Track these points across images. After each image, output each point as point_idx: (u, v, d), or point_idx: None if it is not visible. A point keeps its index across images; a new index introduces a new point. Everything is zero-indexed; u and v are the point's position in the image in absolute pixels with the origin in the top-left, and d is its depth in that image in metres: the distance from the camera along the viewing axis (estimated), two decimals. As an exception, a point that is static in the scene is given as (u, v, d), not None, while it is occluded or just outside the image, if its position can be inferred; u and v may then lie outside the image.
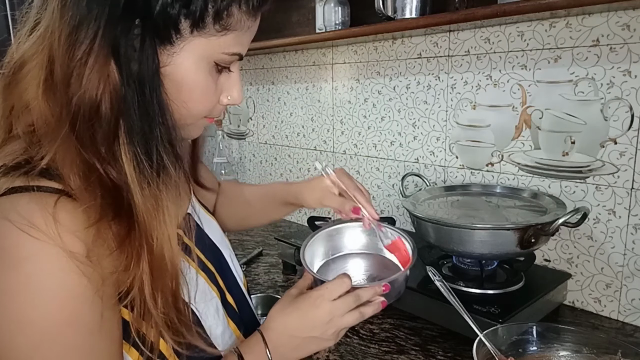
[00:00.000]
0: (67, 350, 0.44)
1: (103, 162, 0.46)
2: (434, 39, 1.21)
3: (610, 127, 0.95)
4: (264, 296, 1.04)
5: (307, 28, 1.51)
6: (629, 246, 0.96)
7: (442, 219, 0.94)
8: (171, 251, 0.49)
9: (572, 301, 1.04)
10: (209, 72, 0.52)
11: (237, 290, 0.68)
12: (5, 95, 0.49)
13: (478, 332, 0.69)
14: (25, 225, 0.41)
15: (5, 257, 0.42)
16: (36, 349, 0.42)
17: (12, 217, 0.42)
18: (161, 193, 0.48)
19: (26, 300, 0.42)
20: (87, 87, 0.44)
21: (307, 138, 1.64)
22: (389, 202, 1.41)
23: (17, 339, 0.42)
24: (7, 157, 0.47)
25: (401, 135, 1.34)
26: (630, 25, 0.90)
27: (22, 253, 0.42)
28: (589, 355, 0.68)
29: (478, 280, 0.94)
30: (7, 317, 0.42)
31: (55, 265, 0.42)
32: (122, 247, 0.46)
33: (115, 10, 0.44)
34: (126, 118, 0.46)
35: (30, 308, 0.42)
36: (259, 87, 1.80)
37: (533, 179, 1.08)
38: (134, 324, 0.49)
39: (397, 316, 0.99)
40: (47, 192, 0.44)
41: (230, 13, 0.49)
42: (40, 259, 0.42)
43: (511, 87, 1.09)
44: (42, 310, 0.42)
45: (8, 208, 0.42)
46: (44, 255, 0.42)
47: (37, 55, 0.46)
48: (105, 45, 0.44)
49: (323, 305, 0.60)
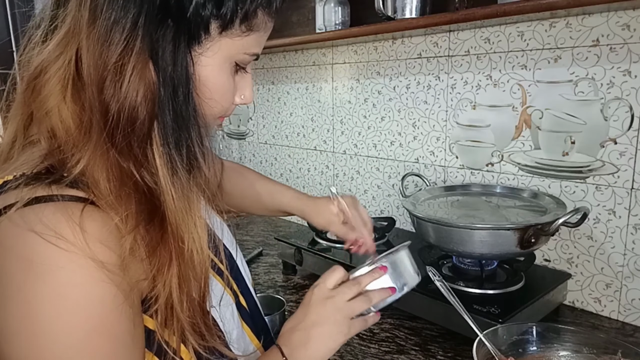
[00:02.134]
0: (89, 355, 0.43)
1: (138, 167, 0.46)
2: (434, 39, 1.21)
3: (610, 127, 0.95)
4: (264, 296, 1.04)
5: (307, 28, 1.51)
6: (629, 246, 0.96)
7: (442, 219, 0.94)
8: (202, 254, 0.49)
9: (572, 301, 1.04)
10: (230, 72, 0.52)
11: (247, 294, 0.68)
12: (25, 100, 0.48)
13: (478, 332, 0.69)
14: (52, 237, 0.40)
15: (32, 269, 0.40)
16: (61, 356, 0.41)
17: (38, 229, 0.40)
18: (192, 194, 0.48)
19: (56, 311, 0.41)
20: (128, 91, 0.43)
21: (307, 138, 1.64)
22: (389, 202, 1.41)
23: (46, 352, 0.41)
24: (25, 165, 0.45)
25: (401, 135, 1.34)
26: (630, 25, 0.90)
27: (50, 264, 0.40)
28: (589, 355, 0.68)
29: (478, 280, 0.94)
30: (36, 329, 0.41)
31: (84, 275, 0.41)
32: (155, 253, 0.46)
33: (152, 11, 0.43)
34: (160, 120, 0.46)
35: (59, 319, 0.41)
36: (259, 87, 1.80)
37: (533, 179, 1.08)
38: (158, 330, 0.48)
39: (397, 316, 0.99)
40: (71, 201, 0.43)
41: (256, 14, 0.49)
42: (69, 269, 0.41)
43: (511, 87, 1.09)
44: (72, 321, 0.41)
45: (33, 219, 0.41)
46: (73, 266, 0.41)
47: (61, 59, 0.45)
48: (145, 47, 0.44)
49: (321, 293, 0.60)
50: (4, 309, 0.41)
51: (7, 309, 0.41)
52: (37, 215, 0.41)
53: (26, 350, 0.41)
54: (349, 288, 0.61)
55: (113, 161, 0.44)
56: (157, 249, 0.46)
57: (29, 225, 0.41)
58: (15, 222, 0.41)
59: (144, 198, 0.46)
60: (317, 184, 1.64)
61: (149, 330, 0.49)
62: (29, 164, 0.46)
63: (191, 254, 0.48)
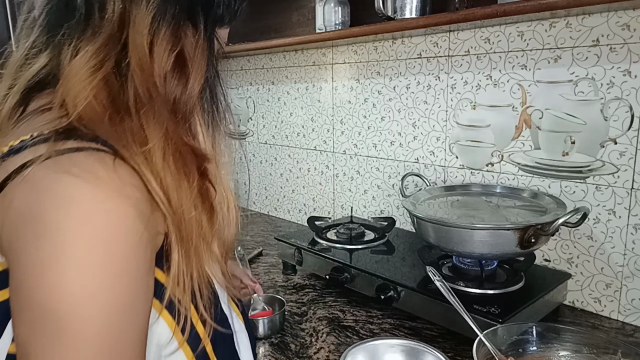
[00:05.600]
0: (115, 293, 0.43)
1: (187, 136, 0.51)
2: (434, 39, 1.21)
3: (610, 127, 0.95)
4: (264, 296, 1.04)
5: (307, 28, 1.51)
6: (629, 246, 0.96)
7: (442, 219, 0.94)
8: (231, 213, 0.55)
9: (572, 301, 1.04)
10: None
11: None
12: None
13: (478, 332, 0.69)
14: (88, 176, 0.42)
15: (69, 206, 0.41)
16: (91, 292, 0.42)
17: (74, 171, 0.42)
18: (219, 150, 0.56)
19: (90, 245, 0.41)
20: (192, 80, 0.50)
21: (307, 138, 1.64)
22: (389, 202, 1.41)
23: (75, 284, 0.41)
24: (44, 126, 0.47)
25: (401, 135, 1.34)
26: (630, 25, 0.90)
27: (87, 201, 0.41)
28: (589, 355, 0.68)
29: (478, 280, 0.94)
30: (69, 263, 0.41)
31: (120, 212, 0.43)
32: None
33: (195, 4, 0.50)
34: (203, 92, 0.52)
35: (92, 253, 0.41)
36: (259, 87, 1.80)
37: (533, 179, 1.08)
38: (169, 285, 0.49)
39: (397, 316, 0.99)
40: (103, 152, 0.44)
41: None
42: (106, 206, 0.42)
43: (511, 87, 1.09)
44: (104, 256, 0.42)
45: (67, 163, 0.42)
46: (110, 203, 0.42)
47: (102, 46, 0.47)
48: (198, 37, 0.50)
49: None
50: (36, 248, 0.41)
51: (40, 247, 0.41)
52: (71, 160, 0.43)
53: (54, 286, 0.41)
54: None
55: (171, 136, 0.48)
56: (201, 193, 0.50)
57: (64, 168, 0.42)
58: (48, 167, 0.42)
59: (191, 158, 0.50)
60: (317, 184, 1.64)
61: (159, 283, 0.50)
62: (48, 125, 0.47)
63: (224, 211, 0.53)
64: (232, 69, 1.89)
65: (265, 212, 1.88)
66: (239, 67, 1.86)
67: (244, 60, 1.83)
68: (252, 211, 1.92)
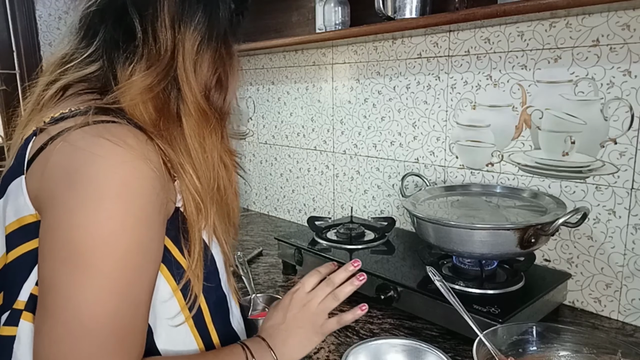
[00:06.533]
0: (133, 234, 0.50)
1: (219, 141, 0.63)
2: (434, 39, 1.21)
3: (610, 127, 0.95)
4: (264, 296, 1.04)
5: (307, 28, 1.51)
6: (629, 246, 0.96)
7: (442, 219, 0.94)
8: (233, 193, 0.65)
9: (572, 301, 1.04)
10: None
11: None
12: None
13: (478, 332, 0.69)
14: (119, 141, 0.49)
15: (102, 163, 0.48)
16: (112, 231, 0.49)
17: (107, 136, 0.49)
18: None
19: (118, 196, 0.48)
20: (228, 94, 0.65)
21: (307, 138, 1.64)
22: (389, 202, 1.41)
23: (103, 223, 0.48)
24: (81, 104, 0.55)
25: (401, 135, 1.34)
26: (630, 25, 0.90)
27: (117, 159, 0.49)
28: (589, 355, 0.68)
29: (478, 280, 0.94)
30: (99, 206, 0.48)
31: (142, 170, 0.50)
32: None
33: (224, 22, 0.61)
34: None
35: (119, 202, 0.48)
36: (259, 87, 1.80)
37: (533, 179, 1.08)
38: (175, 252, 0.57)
39: (397, 316, 0.99)
40: (133, 126, 0.53)
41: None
42: (132, 164, 0.49)
43: (511, 87, 1.09)
44: (128, 206, 0.49)
45: (102, 130, 0.50)
46: (135, 162, 0.50)
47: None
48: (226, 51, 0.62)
49: (299, 298, 0.68)
50: (69, 194, 0.48)
51: (73, 194, 0.48)
52: (105, 128, 0.51)
53: (82, 226, 0.47)
54: (322, 290, 0.68)
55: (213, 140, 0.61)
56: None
57: (99, 133, 0.50)
58: (85, 131, 0.50)
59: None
60: (317, 184, 1.64)
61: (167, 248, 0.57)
62: (85, 104, 0.55)
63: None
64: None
65: (265, 212, 1.88)
66: (239, 67, 1.86)
67: (244, 60, 1.82)
68: (252, 211, 1.92)
